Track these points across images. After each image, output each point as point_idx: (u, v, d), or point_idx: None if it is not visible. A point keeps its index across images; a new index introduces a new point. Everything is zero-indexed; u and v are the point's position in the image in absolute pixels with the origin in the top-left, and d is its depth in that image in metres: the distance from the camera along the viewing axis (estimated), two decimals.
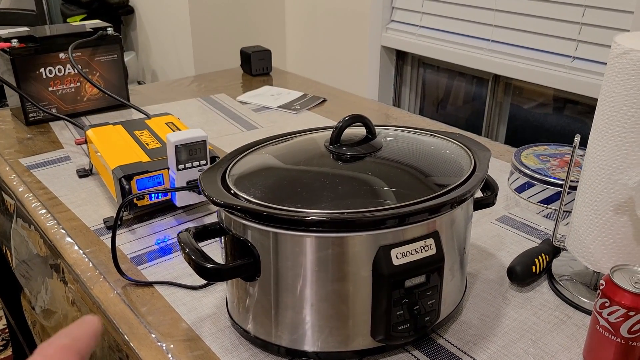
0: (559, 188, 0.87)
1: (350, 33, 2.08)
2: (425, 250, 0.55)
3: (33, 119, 1.19)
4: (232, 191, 0.58)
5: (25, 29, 1.22)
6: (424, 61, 2.01)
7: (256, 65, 1.56)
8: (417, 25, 1.87)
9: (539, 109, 1.75)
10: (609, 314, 0.54)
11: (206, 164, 0.82)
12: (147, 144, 0.91)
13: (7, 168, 1.01)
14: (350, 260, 0.54)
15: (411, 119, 1.28)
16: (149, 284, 0.71)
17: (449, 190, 0.57)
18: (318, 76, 2.23)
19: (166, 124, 0.99)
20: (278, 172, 0.62)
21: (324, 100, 1.38)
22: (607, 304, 0.54)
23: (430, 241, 0.55)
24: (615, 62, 0.58)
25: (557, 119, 1.71)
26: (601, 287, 0.55)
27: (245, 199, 0.56)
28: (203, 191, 0.57)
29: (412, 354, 0.60)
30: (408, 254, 0.54)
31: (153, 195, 0.83)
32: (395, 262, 0.53)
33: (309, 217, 0.52)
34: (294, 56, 2.38)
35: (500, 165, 1.03)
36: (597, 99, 1.47)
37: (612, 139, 0.60)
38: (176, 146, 0.79)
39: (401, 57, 2.04)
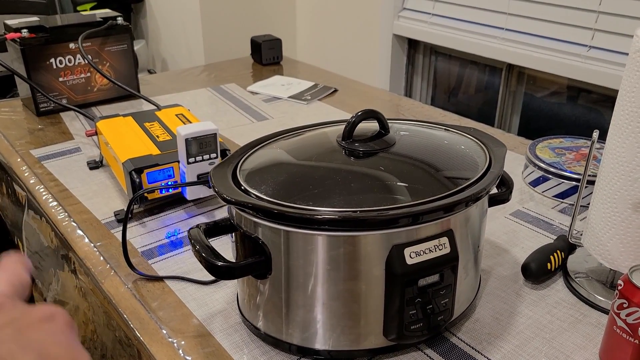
0: (574, 182, 0.85)
1: (362, 21, 2.06)
2: (439, 249, 0.54)
3: (44, 109, 1.19)
4: (242, 187, 0.57)
5: (36, 18, 1.21)
6: (436, 50, 1.98)
7: (266, 55, 1.55)
8: (429, 13, 1.85)
9: (553, 98, 1.73)
10: (627, 315, 0.53)
11: (217, 157, 0.82)
12: (158, 136, 0.90)
13: (19, 159, 1.01)
14: (363, 259, 0.53)
15: (423, 109, 1.26)
16: (160, 279, 0.71)
17: (464, 187, 0.56)
18: (329, 65, 2.21)
19: (176, 115, 0.99)
20: (289, 168, 0.62)
21: (335, 91, 1.36)
22: (625, 305, 0.53)
23: (445, 240, 0.54)
24: (637, 56, 0.56)
25: (571, 109, 1.69)
26: (619, 288, 0.54)
27: (256, 196, 0.55)
28: (214, 188, 0.57)
29: (424, 353, 0.59)
30: (422, 253, 0.53)
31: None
32: (409, 261, 0.52)
33: (320, 215, 0.51)
34: (305, 45, 2.36)
35: (514, 158, 1.01)
36: (613, 89, 1.44)
37: (632, 135, 0.58)
38: (186, 139, 0.79)
39: (413, 45, 2.01)
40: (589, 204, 0.68)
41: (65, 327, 0.32)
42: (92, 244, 0.78)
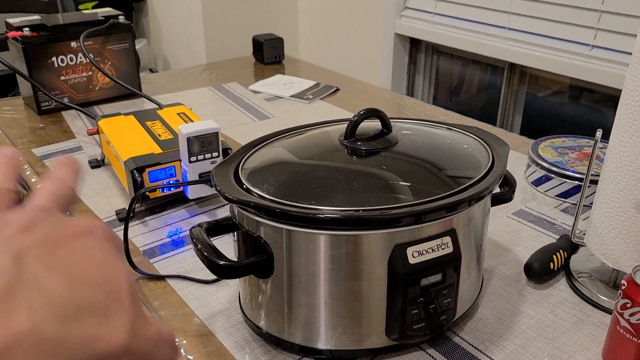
0: (577, 182, 0.85)
1: (363, 20, 2.06)
2: (442, 249, 0.53)
3: (45, 108, 1.19)
4: (244, 186, 0.57)
5: (37, 17, 1.21)
6: (438, 49, 1.98)
7: (268, 54, 1.54)
8: (431, 13, 1.84)
9: (555, 98, 1.72)
10: (630, 315, 0.53)
11: (218, 156, 0.82)
12: (159, 135, 0.90)
13: (20, 158, 1.01)
14: (365, 259, 0.53)
15: (425, 109, 1.26)
16: (161, 278, 0.71)
17: (467, 187, 0.55)
18: (330, 64, 2.21)
19: (178, 114, 0.98)
20: (291, 167, 0.61)
21: (337, 90, 1.36)
22: (628, 305, 0.53)
23: (447, 239, 0.54)
24: None
25: (573, 108, 1.68)
26: (622, 288, 0.54)
27: (258, 195, 0.55)
28: (215, 186, 0.57)
29: (427, 352, 0.59)
30: (424, 252, 0.53)
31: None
32: (411, 260, 0.52)
33: (323, 214, 0.51)
34: (306, 44, 2.35)
35: (517, 157, 1.01)
36: (616, 88, 1.44)
37: (636, 134, 0.58)
38: (188, 138, 0.79)
39: (415, 44, 2.01)
40: (591, 203, 0.68)
41: (103, 242, 0.28)
42: None
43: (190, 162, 0.80)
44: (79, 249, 0.27)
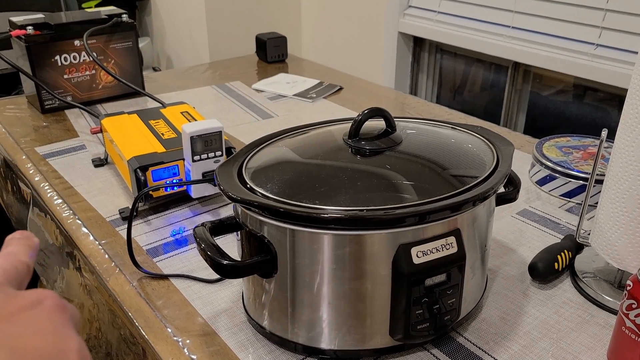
0: (581, 182, 0.85)
1: (367, 19, 2.05)
2: (447, 249, 0.53)
3: (49, 106, 1.19)
4: (248, 185, 0.57)
5: (41, 15, 1.21)
6: (441, 48, 1.98)
7: (271, 52, 1.54)
8: (435, 11, 1.84)
9: (559, 97, 1.72)
10: (635, 316, 0.53)
11: (222, 155, 0.81)
12: (163, 134, 0.90)
13: (24, 157, 1.01)
14: (369, 259, 0.52)
15: (429, 107, 1.26)
16: (165, 277, 0.71)
17: (472, 186, 0.55)
18: (334, 63, 2.21)
19: (181, 113, 0.98)
20: (295, 167, 0.61)
21: (340, 89, 1.36)
22: (634, 306, 0.53)
23: (452, 239, 0.54)
24: None
25: (577, 107, 1.68)
26: (628, 288, 0.53)
27: (262, 194, 0.55)
28: (219, 186, 0.56)
29: (431, 353, 0.59)
30: (429, 252, 0.52)
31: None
32: (416, 260, 0.52)
33: (326, 214, 0.51)
34: (310, 42, 2.35)
35: (521, 157, 1.01)
36: (620, 87, 1.43)
37: None
38: (192, 137, 0.78)
39: (418, 43, 2.00)
40: (596, 203, 0.67)
41: (52, 312, 0.28)
42: (97, 242, 0.78)
43: (193, 161, 0.80)
44: (25, 321, 0.26)
